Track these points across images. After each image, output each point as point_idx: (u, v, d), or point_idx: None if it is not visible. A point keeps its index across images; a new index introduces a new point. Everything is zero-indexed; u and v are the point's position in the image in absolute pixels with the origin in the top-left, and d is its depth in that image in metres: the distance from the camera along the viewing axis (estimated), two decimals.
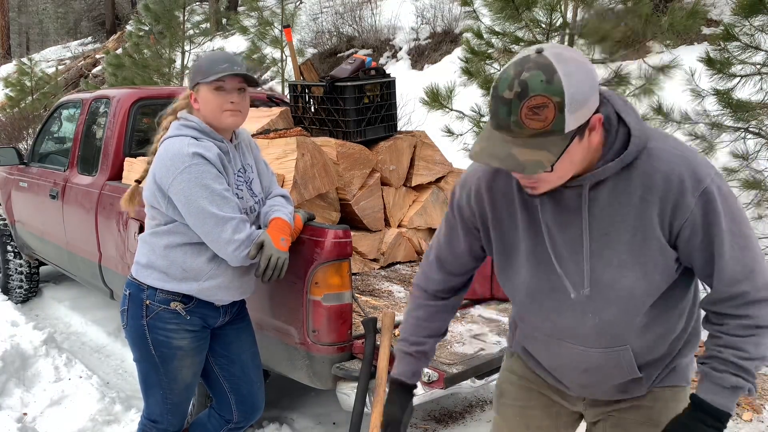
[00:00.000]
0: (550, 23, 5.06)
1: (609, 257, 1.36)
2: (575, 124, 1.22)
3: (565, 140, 1.23)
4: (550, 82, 1.19)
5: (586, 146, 1.29)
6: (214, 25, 14.83)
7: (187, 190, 2.01)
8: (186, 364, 2.21)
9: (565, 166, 1.28)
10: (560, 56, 1.22)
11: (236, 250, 2.06)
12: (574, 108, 1.21)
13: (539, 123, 1.20)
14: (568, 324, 1.46)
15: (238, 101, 2.10)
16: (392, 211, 3.57)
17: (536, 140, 1.22)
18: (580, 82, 1.21)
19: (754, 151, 4.62)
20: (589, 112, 1.24)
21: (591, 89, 1.23)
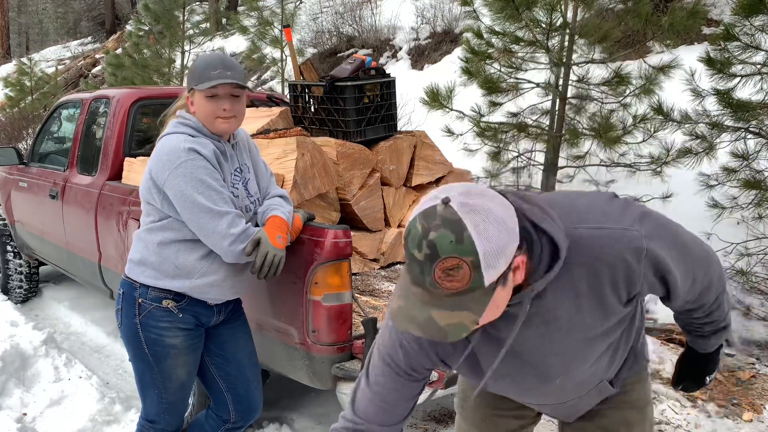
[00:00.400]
0: (550, 23, 5.06)
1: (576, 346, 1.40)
2: (495, 276, 1.15)
3: (486, 295, 1.16)
4: (460, 241, 1.11)
5: (511, 286, 1.22)
6: (214, 25, 14.83)
7: (182, 184, 2.02)
8: (180, 362, 2.21)
9: (490, 314, 1.21)
10: (468, 208, 1.13)
11: (232, 245, 2.06)
12: (490, 263, 1.13)
13: (456, 283, 1.13)
14: (548, 398, 1.57)
15: (231, 108, 2.09)
16: (392, 211, 3.57)
17: (455, 299, 1.15)
18: (493, 233, 1.13)
19: (755, 151, 4.61)
20: (509, 257, 1.17)
21: (507, 238, 1.15)
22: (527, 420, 1.81)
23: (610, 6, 5.62)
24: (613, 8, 5.68)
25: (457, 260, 1.12)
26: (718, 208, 4.74)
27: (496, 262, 1.14)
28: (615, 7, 5.55)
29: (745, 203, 4.66)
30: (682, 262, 1.37)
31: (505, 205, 1.19)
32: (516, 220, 1.19)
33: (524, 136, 5.68)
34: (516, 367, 1.43)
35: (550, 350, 1.40)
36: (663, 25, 4.87)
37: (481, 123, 5.73)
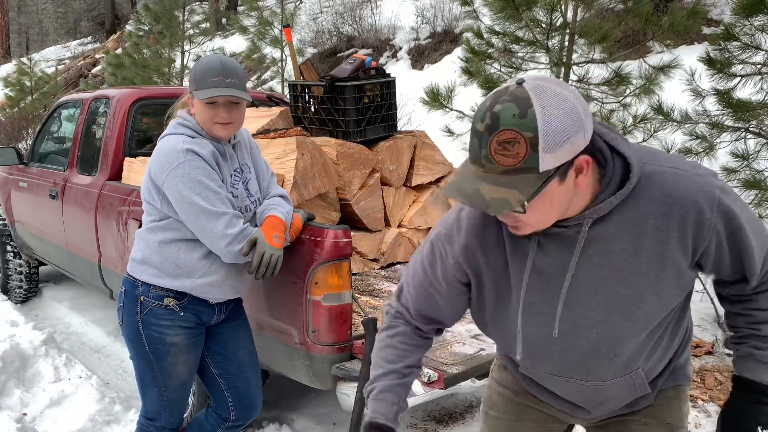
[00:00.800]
0: (550, 23, 5.05)
1: (623, 293, 1.28)
2: (552, 163, 1.13)
3: (538, 180, 1.13)
4: (523, 116, 1.10)
5: (571, 189, 1.19)
6: (214, 25, 14.83)
7: (180, 185, 2.02)
8: (180, 360, 2.21)
9: (543, 209, 1.19)
10: (540, 89, 1.12)
11: (229, 245, 2.06)
12: (549, 146, 1.11)
13: (510, 159, 1.12)
14: (579, 364, 1.39)
15: (228, 116, 2.09)
16: (392, 211, 3.56)
17: (506, 178, 1.13)
18: (559, 118, 1.11)
19: (755, 151, 4.61)
20: (572, 152, 1.14)
21: (574, 127, 1.12)
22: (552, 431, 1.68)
23: (610, 6, 5.62)
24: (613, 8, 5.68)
25: (516, 134, 1.10)
26: None
27: (555, 147, 1.11)
28: (615, 7, 5.56)
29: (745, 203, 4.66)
30: (754, 233, 1.26)
31: (581, 101, 1.15)
32: (589, 116, 1.17)
33: None
34: (550, 300, 1.32)
35: (593, 288, 1.29)
36: (663, 25, 4.87)
37: None
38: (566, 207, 1.23)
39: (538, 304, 1.33)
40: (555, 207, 1.21)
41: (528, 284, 1.33)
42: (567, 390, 1.48)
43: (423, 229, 3.67)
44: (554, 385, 1.49)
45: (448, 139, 5.87)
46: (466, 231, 1.37)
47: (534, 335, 1.38)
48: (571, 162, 1.16)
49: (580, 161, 1.17)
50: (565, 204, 1.22)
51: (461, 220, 1.39)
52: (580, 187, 1.21)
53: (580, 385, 1.44)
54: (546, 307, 1.33)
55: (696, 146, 4.74)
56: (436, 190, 3.71)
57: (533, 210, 1.18)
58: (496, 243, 1.35)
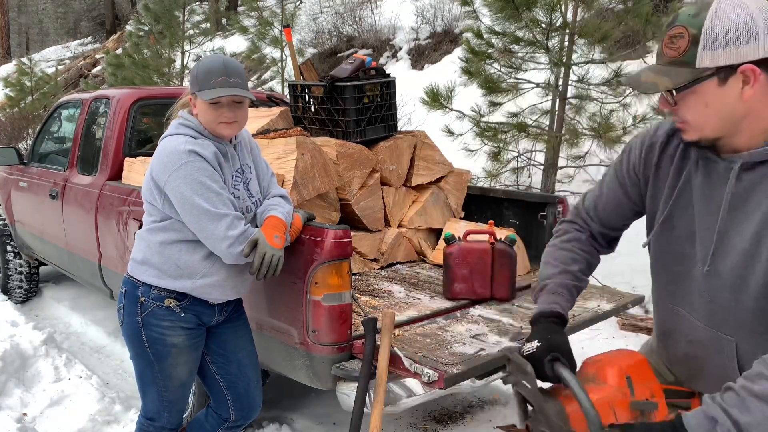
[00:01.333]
0: (550, 23, 5.06)
1: (738, 244, 1.27)
2: (710, 62, 1.20)
3: (692, 74, 1.22)
4: (696, 15, 1.21)
5: (735, 100, 1.22)
6: (214, 25, 14.83)
7: (182, 186, 2.02)
8: (181, 361, 2.21)
9: (698, 108, 1.25)
10: (725, 5, 1.20)
11: (230, 247, 2.06)
12: (710, 44, 1.19)
13: (673, 52, 1.25)
14: (686, 293, 1.42)
15: (233, 115, 2.10)
16: (392, 211, 3.56)
17: (666, 68, 1.26)
18: (730, 22, 1.18)
19: None
20: (736, 57, 1.19)
21: (744, 34, 1.18)
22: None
23: (610, 6, 5.62)
24: (613, 8, 5.68)
25: (683, 29, 1.23)
26: None
27: (716, 47, 1.19)
28: (615, 7, 5.55)
29: None
30: None
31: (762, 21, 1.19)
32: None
33: (524, 136, 5.68)
34: (686, 232, 1.39)
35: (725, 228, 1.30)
36: (663, 25, 4.86)
37: (481, 123, 5.73)
38: (730, 120, 1.25)
39: (678, 219, 1.41)
40: (712, 111, 1.25)
41: (676, 204, 1.41)
42: (671, 319, 1.51)
43: (423, 229, 3.67)
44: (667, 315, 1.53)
45: (448, 139, 5.87)
46: (655, 136, 1.48)
47: (660, 251, 1.47)
48: (735, 68, 1.20)
49: (746, 68, 1.20)
50: (727, 114, 1.24)
51: (658, 130, 1.49)
52: (749, 103, 1.23)
53: (680, 316, 1.48)
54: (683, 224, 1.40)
55: None
56: (436, 190, 3.71)
57: (687, 106, 1.27)
58: (668, 158, 1.44)
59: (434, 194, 3.70)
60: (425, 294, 3.05)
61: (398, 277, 3.33)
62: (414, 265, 3.57)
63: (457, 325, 2.69)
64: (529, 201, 3.53)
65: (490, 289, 2.97)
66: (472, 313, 2.86)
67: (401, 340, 2.47)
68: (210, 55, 2.22)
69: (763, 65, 1.20)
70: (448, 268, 2.97)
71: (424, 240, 3.67)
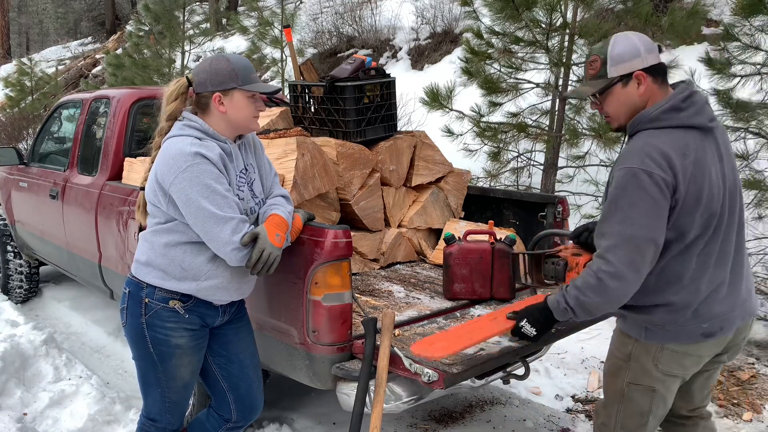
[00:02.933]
0: (550, 23, 5.06)
1: None
2: (615, 73, 1.97)
3: (606, 82, 1.99)
4: (602, 47, 2.01)
5: (634, 94, 1.97)
6: (214, 25, 14.82)
7: (187, 189, 2.02)
8: (184, 362, 2.21)
9: (613, 104, 2.01)
10: (619, 35, 2.02)
11: (234, 250, 2.06)
12: (613, 62, 1.97)
13: (593, 71, 2.03)
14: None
15: (263, 106, 2.22)
16: (392, 211, 3.57)
17: (590, 81, 2.04)
18: (623, 48, 1.97)
19: (754, 151, 4.62)
20: (630, 67, 1.95)
21: (631, 54, 1.96)
22: None
23: (610, 6, 5.62)
24: (613, 8, 5.68)
25: (597, 57, 2.02)
26: None
27: (617, 63, 1.97)
28: (615, 7, 5.55)
29: (745, 203, 4.66)
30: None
31: (646, 42, 1.98)
32: (653, 51, 1.97)
33: (524, 136, 5.68)
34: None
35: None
36: (663, 25, 4.87)
37: (481, 123, 5.73)
38: (634, 109, 1.98)
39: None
40: (623, 104, 2.00)
41: None
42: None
43: (423, 229, 3.67)
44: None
45: (448, 139, 5.87)
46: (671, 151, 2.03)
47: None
48: (631, 75, 1.96)
49: (637, 74, 1.96)
50: (631, 105, 1.98)
51: (666, 145, 1.98)
52: (644, 96, 1.97)
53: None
54: None
55: None
56: (435, 190, 3.71)
57: (607, 104, 2.03)
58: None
59: (434, 194, 3.70)
60: (425, 294, 3.05)
61: (398, 277, 3.33)
62: (414, 265, 3.58)
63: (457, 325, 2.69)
64: (529, 201, 3.53)
65: (490, 289, 2.97)
66: (472, 313, 2.86)
67: (401, 340, 2.47)
68: (228, 54, 2.23)
69: (648, 72, 1.96)
70: (448, 268, 2.97)
71: (424, 240, 3.67)
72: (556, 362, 4.06)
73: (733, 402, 3.58)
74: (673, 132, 1.91)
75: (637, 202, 1.84)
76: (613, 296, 1.90)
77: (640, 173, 1.83)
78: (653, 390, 2.07)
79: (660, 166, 1.84)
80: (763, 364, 4.02)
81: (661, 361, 2.03)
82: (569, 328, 2.75)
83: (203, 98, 2.15)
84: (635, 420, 2.10)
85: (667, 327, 1.99)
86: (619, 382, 2.11)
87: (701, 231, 1.93)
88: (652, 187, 1.83)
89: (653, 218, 1.85)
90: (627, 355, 2.07)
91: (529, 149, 6.07)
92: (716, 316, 2.00)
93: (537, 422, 3.35)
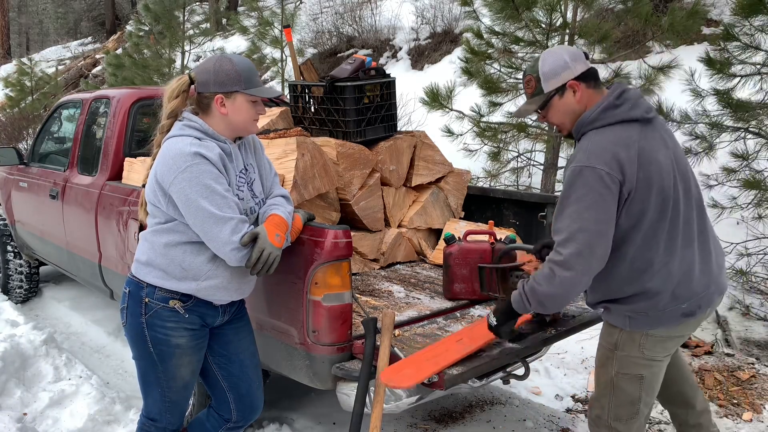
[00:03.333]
0: (550, 23, 5.06)
1: None
2: (549, 87, 2.14)
3: (544, 97, 2.15)
4: (533, 67, 2.18)
5: (573, 102, 2.13)
6: (214, 25, 14.83)
7: (187, 189, 2.02)
8: (184, 362, 2.21)
9: (557, 114, 2.18)
10: (547, 52, 2.18)
11: (234, 250, 2.06)
12: (545, 79, 2.13)
13: (530, 90, 2.20)
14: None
15: (263, 109, 2.23)
16: (392, 211, 3.57)
17: (531, 100, 2.21)
18: (551, 64, 2.13)
19: (754, 151, 4.61)
20: (562, 80, 2.11)
21: (561, 67, 2.11)
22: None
23: (610, 6, 5.62)
24: (613, 8, 5.68)
25: (531, 77, 2.18)
26: (717, 208, 4.75)
27: (548, 79, 2.12)
28: (615, 7, 5.56)
29: (745, 203, 4.66)
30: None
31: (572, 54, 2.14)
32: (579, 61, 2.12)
33: (524, 136, 5.68)
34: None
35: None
36: (663, 25, 4.87)
37: (481, 123, 5.73)
38: (575, 115, 2.13)
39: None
40: (565, 113, 2.16)
41: None
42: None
43: (423, 229, 3.68)
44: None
45: (448, 139, 5.87)
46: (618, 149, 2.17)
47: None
48: (565, 86, 2.12)
49: (570, 84, 2.12)
50: (571, 112, 2.14)
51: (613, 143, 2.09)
52: (581, 102, 2.12)
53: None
54: None
55: (696, 146, 4.74)
56: (435, 190, 3.72)
57: (551, 115, 2.19)
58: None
59: (434, 194, 3.70)
60: (425, 294, 3.05)
61: (398, 277, 3.33)
62: (414, 265, 3.58)
63: (457, 325, 2.69)
64: (529, 201, 3.53)
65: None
66: (472, 313, 2.87)
67: (401, 340, 2.47)
68: (233, 55, 2.23)
69: (579, 79, 2.12)
70: (448, 269, 2.97)
71: (424, 240, 3.67)
72: (556, 362, 4.06)
73: (733, 402, 3.58)
74: (615, 128, 2.04)
75: (583, 197, 1.96)
76: (563, 286, 2.01)
77: (585, 170, 1.96)
78: (641, 377, 2.15)
79: (605, 163, 1.96)
80: (763, 364, 4.02)
81: (647, 347, 2.12)
82: (569, 329, 2.75)
83: (205, 98, 2.15)
84: (627, 409, 2.18)
85: (649, 313, 2.08)
86: (608, 372, 2.20)
87: (659, 215, 2.03)
88: (597, 183, 1.95)
89: (600, 212, 1.96)
90: (614, 345, 2.17)
91: (529, 149, 6.08)
92: (693, 295, 2.10)
93: (537, 422, 3.35)
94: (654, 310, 2.08)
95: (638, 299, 2.08)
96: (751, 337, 4.40)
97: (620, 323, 2.14)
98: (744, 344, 4.32)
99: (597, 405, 2.26)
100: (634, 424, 2.20)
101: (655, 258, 2.04)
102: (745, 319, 4.58)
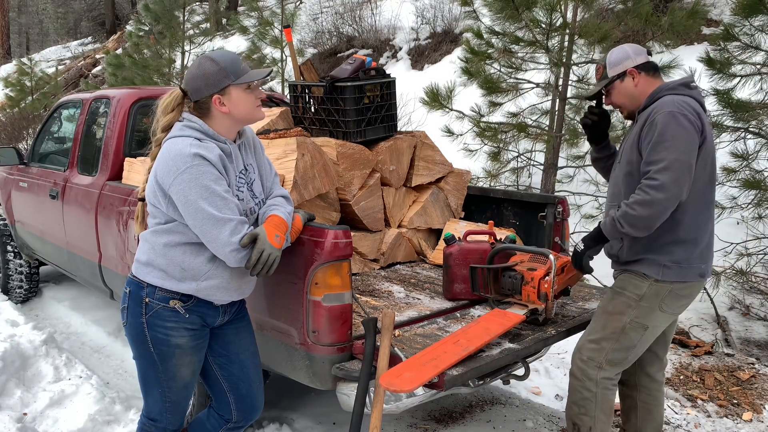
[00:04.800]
0: (550, 23, 5.06)
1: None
2: (613, 73, 2.56)
3: (608, 81, 2.57)
4: (604, 58, 2.76)
5: (631, 87, 2.53)
6: (214, 25, 14.82)
7: (187, 190, 2.02)
8: (185, 362, 2.21)
9: (618, 96, 2.58)
10: (615, 48, 2.62)
11: (233, 251, 2.06)
12: (611, 66, 2.57)
13: (599, 74, 2.65)
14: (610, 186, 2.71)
15: (262, 93, 2.22)
16: (392, 211, 3.57)
17: (598, 83, 2.65)
18: (616, 55, 2.57)
19: (754, 151, 4.61)
20: (623, 67, 2.54)
21: (623, 57, 2.55)
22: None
23: (610, 6, 5.62)
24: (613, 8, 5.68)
25: (600, 65, 2.64)
26: (717, 208, 4.74)
27: (612, 66, 2.56)
28: (615, 7, 5.55)
29: (745, 203, 4.66)
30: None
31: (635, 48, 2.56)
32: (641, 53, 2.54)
33: (524, 136, 5.68)
34: None
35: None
36: (663, 25, 4.87)
37: (481, 123, 5.73)
38: (634, 98, 2.54)
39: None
40: (625, 96, 2.56)
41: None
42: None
43: (423, 230, 3.67)
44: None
45: (448, 139, 5.87)
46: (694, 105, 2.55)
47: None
48: (626, 72, 2.53)
49: (630, 71, 2.53)
50: (630, 96, 2.55)
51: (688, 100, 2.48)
52: (639, 88, 2.53)
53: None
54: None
55: None
56: (435, 190, 3.72)
57: (613, 96, 2.59)
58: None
59: (434, 194, 3.70)
60: (425, 294, 3.05)
61: (398, 277, 3.33)
62: (414, 265, 3.58)
63: (457, 326, 2.69)
64: (529, 201, 3.53)
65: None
66: (472, 314, 2.87)
67: (401, 341, 2.47)
68: (209, 54, 2.23)
69: (639, 68, 2.52)
70: (448, 269, 2.97)
71: (424, 240, 3.67)
72: (556, 362, 4.06)
73: (733, 402, 3.58)
74: (689, 98, 2.41)
75: (678, 135, 2.30)
76: (656, 207, 2.28)
77: (678, 115, 2.31)
78: (646, 328, 2.49)
79: (691, 113, 2.34)
80: (763, 364, 4.02)
81: (666, 302, 2.46)
82: (569, 329, 2.75)
83: (203, 104, 2.15)
84: (621, 354, 2.52)
85: (682, 264, 2.42)
86: (623, 319, 2.49)
87: (709, 179, 2.43)
88: (689, 125, 2.31)
89: (691, 148, 2.31)
90: (640, 296, 2.47)
91: (529, 149, 6.07)
92: (708, 260, 2.50)
93: (537, 422, 3.35)
94: (687, 261, 2.41)
95: (678, 249, 2.41)
96: (751, 337, 4.40)
97: (654, 273, 2.43)
98: (744, 344, 4.32)
99: (594, 347, 2.53)
100: (619, 369, 2.55)
101: (701, 215, 2.41)
102: (745, 319, 4.58)
